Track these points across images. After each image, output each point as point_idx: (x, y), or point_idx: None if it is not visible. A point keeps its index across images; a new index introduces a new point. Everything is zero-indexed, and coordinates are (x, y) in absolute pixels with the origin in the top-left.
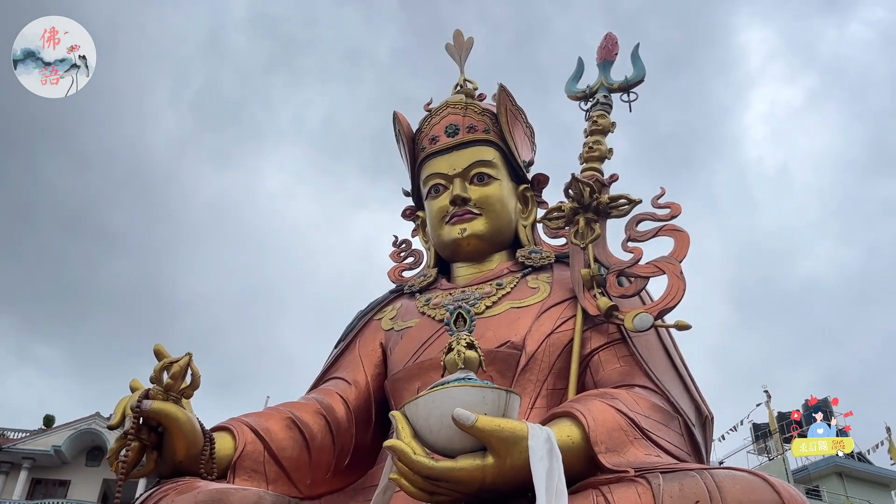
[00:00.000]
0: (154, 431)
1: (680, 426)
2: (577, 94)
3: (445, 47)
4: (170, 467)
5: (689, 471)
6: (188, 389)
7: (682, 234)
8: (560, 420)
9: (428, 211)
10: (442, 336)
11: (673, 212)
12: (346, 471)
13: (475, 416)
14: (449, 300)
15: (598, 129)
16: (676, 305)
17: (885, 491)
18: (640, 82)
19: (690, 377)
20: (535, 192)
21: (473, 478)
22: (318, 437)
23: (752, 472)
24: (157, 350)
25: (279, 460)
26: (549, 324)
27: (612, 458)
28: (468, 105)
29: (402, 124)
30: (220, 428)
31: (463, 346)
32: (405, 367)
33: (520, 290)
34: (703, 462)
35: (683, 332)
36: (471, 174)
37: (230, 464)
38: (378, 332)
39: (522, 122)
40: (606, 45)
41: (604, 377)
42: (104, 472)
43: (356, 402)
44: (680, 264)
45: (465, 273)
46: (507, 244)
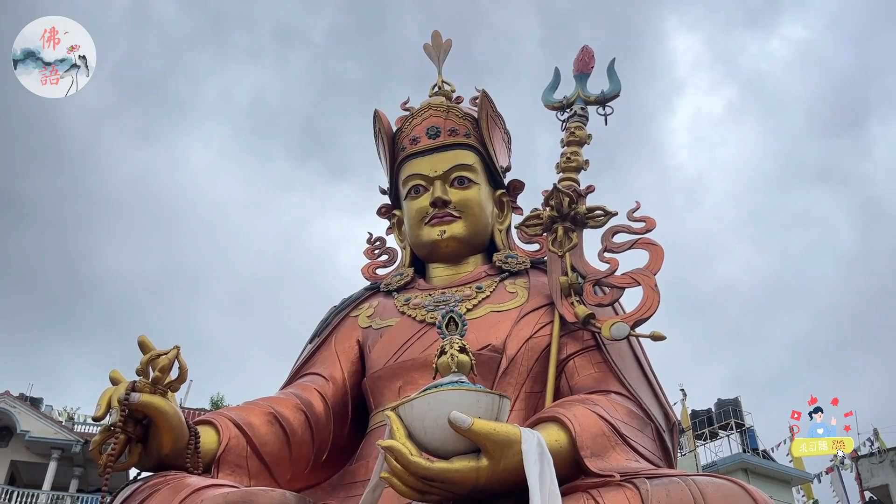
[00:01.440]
0: (139, 424)
1: (652, 432)
2: (554, 105)
3: (423, 47)
4: (154, 461)
5: (673, 477)
6: (175, 383)
7: (657, 248)
8: (547, 424)
9: (406, 211)
10: (423, 336)
11: (648, 226)
12: (322, 466)
13: (471, 419)
14: (429, 301)
15: (576, 140)
16: (651, 316)
17: (786, 487)
18: (616, 97)
19: (658, 385)
20: (510, 198)
21: (467, 479)
22: (298, 432)
23: (728, 479)
24: (142, 342)
25: (261, 455)
26: (527, 329)
27: (597, 463)
28: (450, 108)
29: (382, 122)
30: (203, 422)
31: (456, 349)
32: (386, 365)
33: (499, 294)
34: (672, 467)
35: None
36: (451, 177)
37: (214, 458)
38: (355, 329)
39: (501, 128)
40: (583, 57)
41: (578, 382)
42: (12, 453)
43: (333, 398)
44: (655, 277)
45: (442, 274)
46: (482, 247)
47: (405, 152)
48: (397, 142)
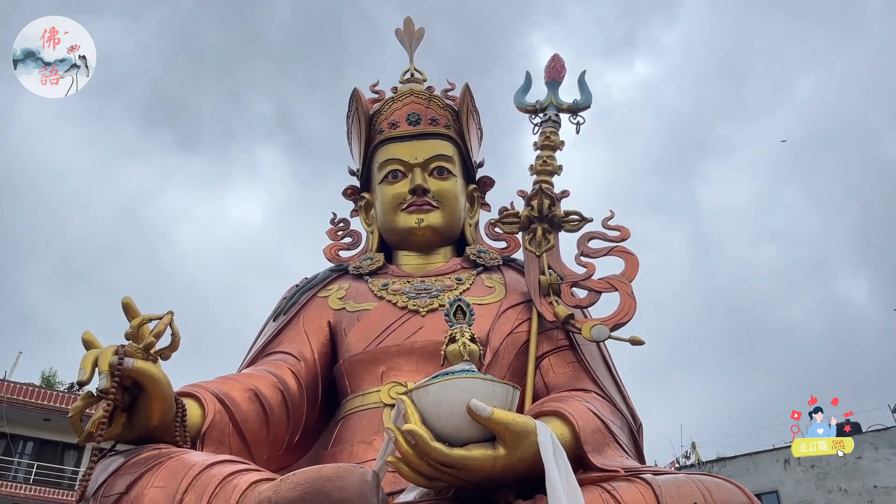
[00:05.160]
0: (127, 392)
1: (629, 431)
2: (527, 108)
3: (395, 33)
4: (138, 432)
5: (678, 475)
6: (166, 350)
7: (632, 257)
8: (549, 418)
9: (381, 195)
10: (406, 323)
11: (623, 235)
12: (295, 447)
13: (491, 408)
14: (409, 288)
15: (550, 144)
16: (629, 321)
17: None
18: (587, 107)
19: (624, 387)
20: (480, 194)
21: (484, 467)
22: (276, 411)
23: (729, 481)
24: (127, 304)
25: (242, 433)
26: (507, 324)
27: (598, 458)
28: (432, 98)
29: (361, 102)
30: (185, 394)
31: (467, 338)
32: (366, 349)
33: (477, 287)
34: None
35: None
36: (431, 166)
37: (199, 433)
38: (325, 310)
39: (477, 123)
40: (555, 65)
41: (553, 379)
42: None
43: (306, 378)
44: (631, 284)
45: (412, 262)
46: (453, 240)
47: (383, 135)
48: (374, 124)
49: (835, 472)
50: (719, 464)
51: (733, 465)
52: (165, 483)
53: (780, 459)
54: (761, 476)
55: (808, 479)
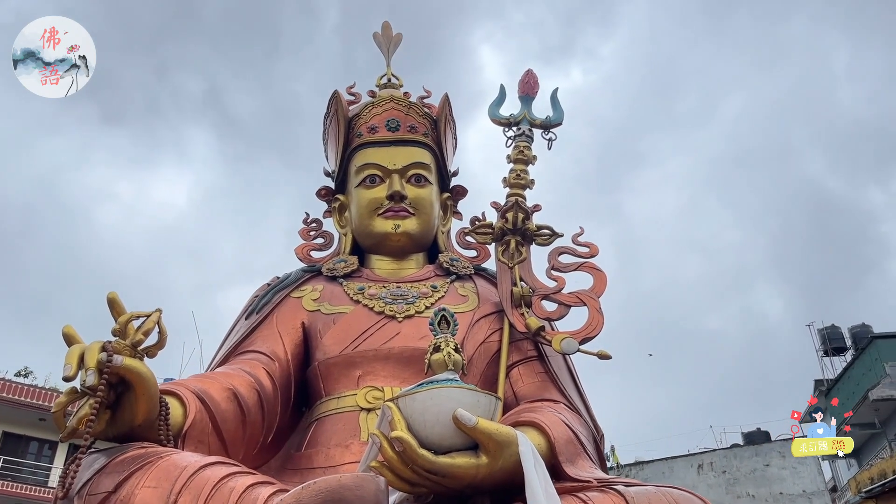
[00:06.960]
0: (112, 389)
1: (593, 442)
2: (501, 121)
3: (373, 37)
4: (122, 430)
5: (647, 486)
6: (153, 348)
7: (601, 274)
8: (526, 429)
9: (357, 199)
10: (384, 328)
11: (591, 251)
12: (268, 448)
13: (476, 418)
14: (385, 293)
15: (524, 158)
16: (597, 336)
17: None
18: (559, 125)
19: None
20: (453, 202)
21: (467, 475)
22: (252, 411)
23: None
24: (112, 299)
25: (221, 433)
26: (480, 333)
27: (572, 469)
28: (412, 105)
29: (341, 104)
30: (166, 392)
31: (452, 348)
32: (342, 353)
33: (452, 295)
34: None
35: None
36: (409, 173)
37: (180, 432)
38: (299, 311)
39: (453, 132)
40: (528, 80)
41: (522, 389)
42: None
43: (279, 378)
44: (599, 300)
45: (386, 267)
46: (426, 247)
47: (362, 139)
48: (353, 127)
49: (744, 479)
50: (637, 467)
51: (650, 469)
52: (158, 483)
53: (695, 465)
54: (676, 480)
55: (719, 483)
